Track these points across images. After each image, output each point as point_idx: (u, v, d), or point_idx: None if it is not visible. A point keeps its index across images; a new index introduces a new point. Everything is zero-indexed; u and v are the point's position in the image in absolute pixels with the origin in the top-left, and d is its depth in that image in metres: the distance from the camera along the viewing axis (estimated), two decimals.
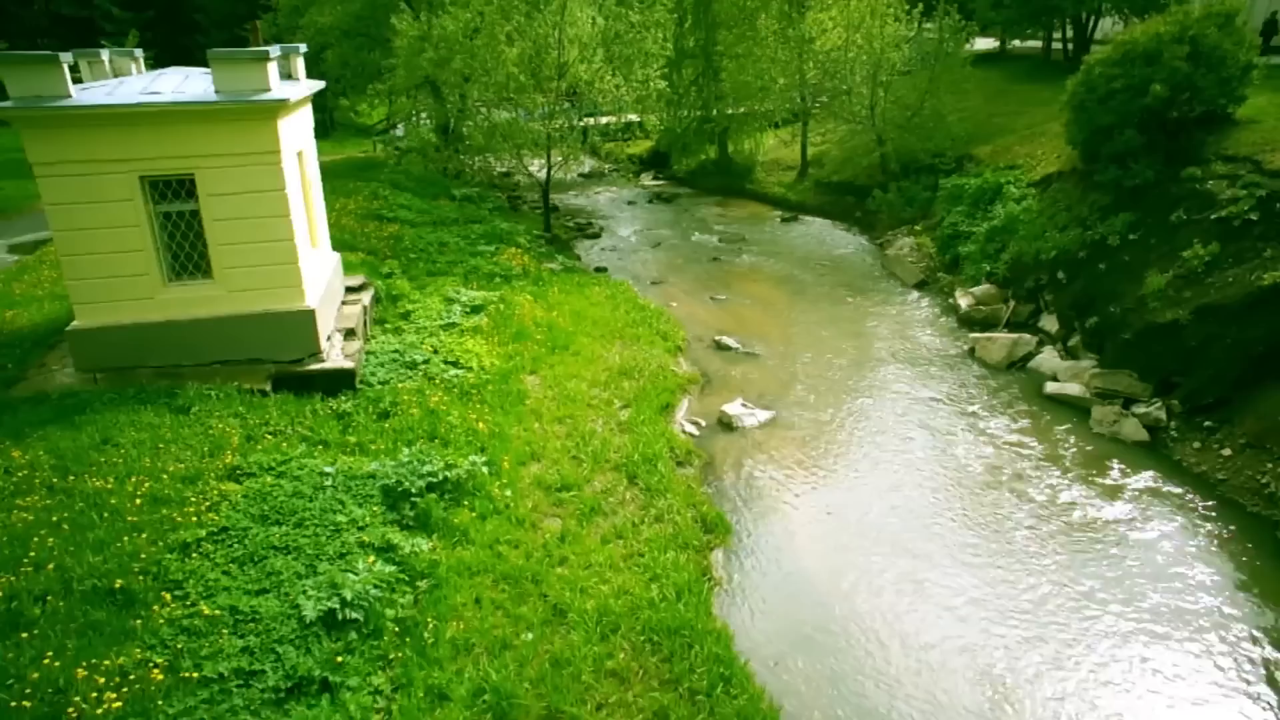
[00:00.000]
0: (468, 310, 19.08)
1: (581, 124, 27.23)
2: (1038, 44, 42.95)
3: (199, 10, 41.39)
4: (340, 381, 14.79)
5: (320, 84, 17.10)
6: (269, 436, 12.64)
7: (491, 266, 22.44)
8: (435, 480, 12.00)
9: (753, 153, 39.12)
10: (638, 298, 22.49)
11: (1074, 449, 15.19)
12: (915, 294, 23.78)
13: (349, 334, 16.24)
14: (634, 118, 34.14)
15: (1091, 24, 36.66)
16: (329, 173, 34.07)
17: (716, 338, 20.49)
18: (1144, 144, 19.37)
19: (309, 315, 14.67)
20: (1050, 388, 17.21)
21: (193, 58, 42.37)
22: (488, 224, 26.72)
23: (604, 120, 30.06)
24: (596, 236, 30.65)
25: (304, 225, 15.40)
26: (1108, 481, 14.15)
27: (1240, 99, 19.49)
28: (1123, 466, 14.51)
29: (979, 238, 23.46)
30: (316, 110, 45.53)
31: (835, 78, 33.17)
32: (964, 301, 21.77)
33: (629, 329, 20.02)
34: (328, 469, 11.82)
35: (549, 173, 26.92)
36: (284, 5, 35.80)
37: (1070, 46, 38.07)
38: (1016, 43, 42.31)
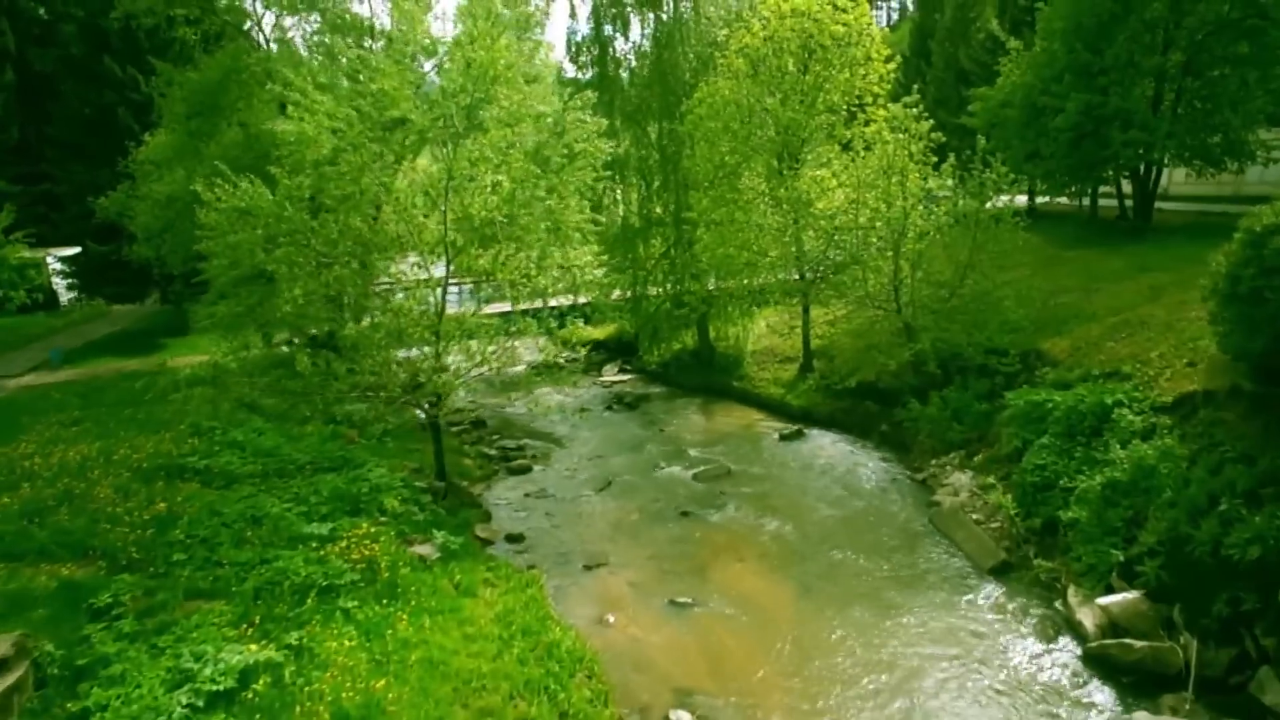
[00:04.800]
0: (207, 698, 10.29)
1: (478, 317, 18.52)
2: (1069, 201, 36.12)
3: (60, 181, 34.96)
4: None
5: None
6: None
7: (312, 568, 13.65)
8: None
9: (740, 340, 31.05)
10: (549, 615, 13.72)
11: None
12: (994, 587, 15.02)
13: None
14: (584, 299, 26.62)
15: (1154, 176, 29.58)
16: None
17: (673, 713, 11.60)
18: None
19: None
20: None
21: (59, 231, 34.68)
22: (352, 470, 18.13)
23: (538, 305, 21.61)
24: (525, 471, 22.05)
25: None
26: None
27: None
28: None
29: (1090, 496, 14.95)
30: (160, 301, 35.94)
31: (842, 248, 25.58)
32: (1090, 620, 13.00)
33: (518, 698, 11.24)
34: None
35: (434, 407, 18.50)
36: (142, 173, 28.94)
37: (1130, 203, 30.86)
38: (1064, 199, 35.31)
